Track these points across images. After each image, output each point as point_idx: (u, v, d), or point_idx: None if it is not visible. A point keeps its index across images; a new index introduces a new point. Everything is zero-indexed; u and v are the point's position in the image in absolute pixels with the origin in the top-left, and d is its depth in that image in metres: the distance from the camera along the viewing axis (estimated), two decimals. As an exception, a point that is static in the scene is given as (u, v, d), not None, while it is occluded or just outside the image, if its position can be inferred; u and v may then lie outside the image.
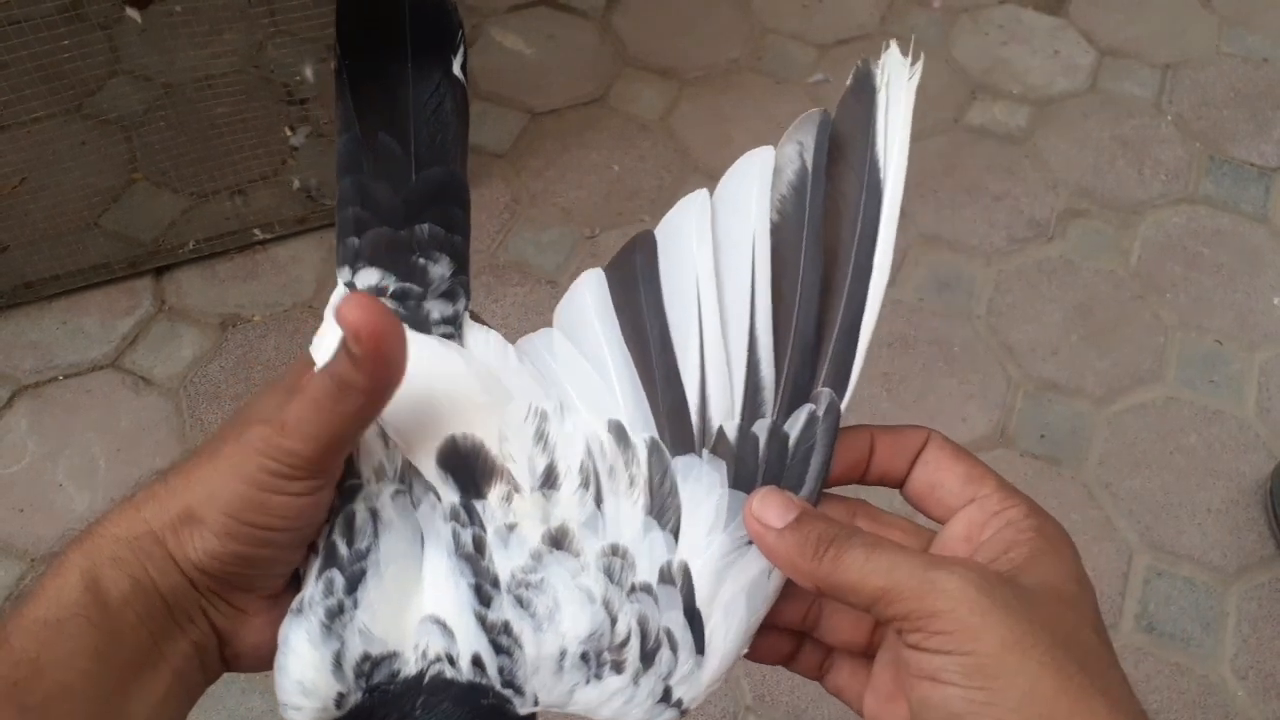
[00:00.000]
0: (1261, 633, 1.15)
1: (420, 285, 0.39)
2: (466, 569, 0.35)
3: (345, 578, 0.35)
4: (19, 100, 1.27)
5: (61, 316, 1.37)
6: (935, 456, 0.36)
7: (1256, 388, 1.33)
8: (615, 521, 0.35)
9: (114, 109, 1.51)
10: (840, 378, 0.36)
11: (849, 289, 0.36)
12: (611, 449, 0.36)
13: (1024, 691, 0.28)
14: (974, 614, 0.29)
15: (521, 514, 0.35)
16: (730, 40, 1.70)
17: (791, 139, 0.38)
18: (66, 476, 1.24)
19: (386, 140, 0.39)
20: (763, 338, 0.36)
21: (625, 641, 0.34)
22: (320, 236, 1.45)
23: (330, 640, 0.34)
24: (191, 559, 0.34)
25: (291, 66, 1.50)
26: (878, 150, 0.37)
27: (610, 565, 0.35)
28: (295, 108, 1.51)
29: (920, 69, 0.36)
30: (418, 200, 0.39)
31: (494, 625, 0.34)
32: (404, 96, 0.39)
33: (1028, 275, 1.43)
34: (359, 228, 0.39)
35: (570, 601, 0.34)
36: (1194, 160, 1.56)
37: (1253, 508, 1.23)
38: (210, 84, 1.43)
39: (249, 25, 1.49)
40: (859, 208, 0.36)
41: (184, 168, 1.41)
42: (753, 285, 0.36)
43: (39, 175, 1.39)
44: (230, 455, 0.34)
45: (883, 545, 0.32)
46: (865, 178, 0.36)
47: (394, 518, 0.35)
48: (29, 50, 1.22)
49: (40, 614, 0.32)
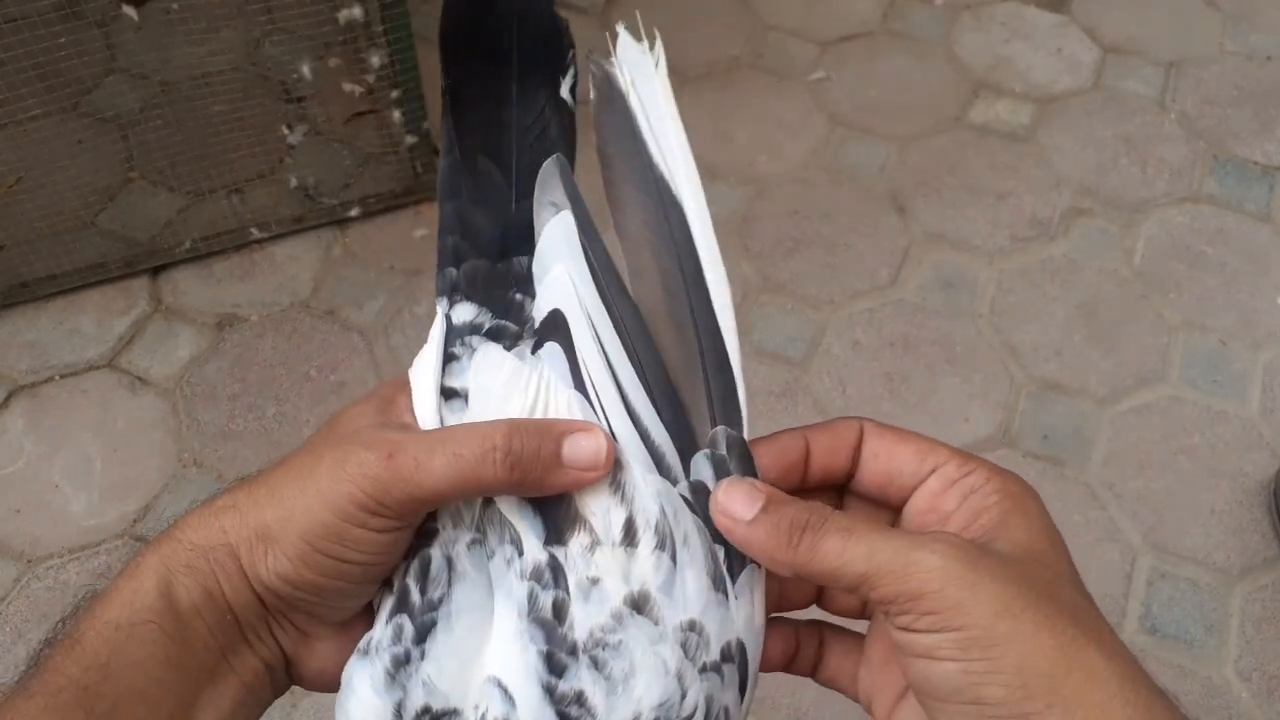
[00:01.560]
0: (1265, 634, 1.14)
1: (517, 323, 0.37)
2: (539, 635, 0.33)
3: (415, 626, 0.33)
4: (15, 99, 1.26)
5: (58, 316, 1.36)
6: (879, 444, 0.35)
7: (1260, 388, 1.32)
8: (686, 591, 0.33)
9: (110, 107, 1.50)
10: (729, 408, 0.34)
11: (695, 316, 0.35)
12: (684, 511, 0.34)
13: (1021, 655, 0.28)
14: (961, 589, 0.29)
15: (604, 569, 0.33)
16: (731, 37, 1.69)
17: (544, 201, 0.36)
18: (62, 477, 1.23)
19: (486, 166, 0.37)
20: (640, 406, 0.34)
21: (691, 716, 0.33)
22: (317, 235, 1.44)
23: (394, 690, 0.33)
24: (263, 578, 0.33)
25: (289, 64, 1.49)
26: (656, 161, 0.34)
27: (688, 641, 0.33)
28: (292, 106, 1.50)
29: (661, 50, 0.34)
30: (517, 232, 0.37)
31: (564, 696, 0.32)
32: (507, 119, 0.37)
33: (1031, 275, 1.43)
34: (457, 258, 0.37)
35: (646, 669, 0.33)
36: (1198, 159, 1.55)
37: (1256, 508, 1.22)
38: (207, 82, 1.42)
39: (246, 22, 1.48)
40: (665, 229, 0.34)
41: (181, 166, 1.40)
42: (605, 358, 0.34)
43: (35, 174, 1.38)
44: (323, 477, 0.32)
45: (859, 529, 0.31)
46: (660, 196, 0.34)
47: (469, 569, 0.34)
48: (25, 48, 1.21)
49: (113, 616, 0.32)
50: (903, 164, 1.54)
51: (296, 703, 1.07)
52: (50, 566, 1.16)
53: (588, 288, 0.35)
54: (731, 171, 1.53)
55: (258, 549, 0.33)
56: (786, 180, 1.52)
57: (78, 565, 1.16)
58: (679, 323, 0.35)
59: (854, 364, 1.33)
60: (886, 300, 1.39)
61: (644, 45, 0.34)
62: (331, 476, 0.32)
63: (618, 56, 0.35)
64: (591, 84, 0.35)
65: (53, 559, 1.17)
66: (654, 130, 0.35)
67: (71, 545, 1.18)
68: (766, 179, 1.52)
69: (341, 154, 1.47)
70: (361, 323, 1.36)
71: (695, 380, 0.35)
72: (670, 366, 0.35)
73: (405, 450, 0.32)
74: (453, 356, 0.36)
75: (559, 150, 0.37)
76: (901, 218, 1.48)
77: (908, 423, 1.33)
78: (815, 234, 1.46)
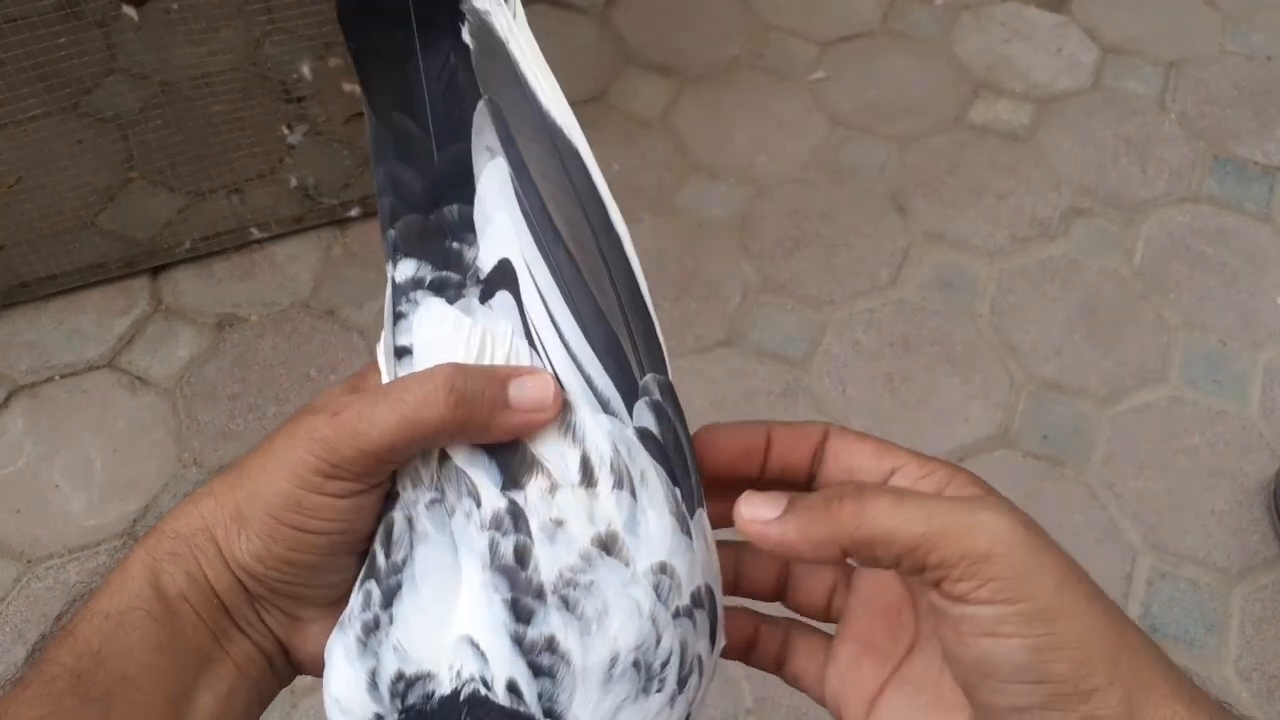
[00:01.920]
0: (1265, 634, 1.14)
1: (458, 272, 0.36)
2: (502, 583, 0.32)
3: (382, 591, 0.33)
4: (15, 99, 1.26)
5: (58, 316, 1.36)
6: (840, 445, 0.35)
7: (1260, 388, 1.32)
8: (650, 531, 0.33)
9: (110, 107, 1.50)
10: (652, 355, 0.34)
11: (606, 262, 0.34)
12: (640, 452, 0.33)
13: (1082, 629, 0.28)
14: (1028, 555, 0.28)
15: (567, 510, 0.33)
16: (731, 37, 1.69)
17: (480, 146, 0.35)
18: (63, 477, 1.23)
19: (401, 120, 0.37)
20: (580, 352, 0.34)
21: (666, 661, 0.33)
22: (318, 235, 1.44)
23: (366, 657, 0.32)
24: (239, 560, 0.33)
25: (289, 64, 1.49)
26: (546, 109, 0.35)
27: (660, 584, 0.33)
28: (292, 105, 1.50)
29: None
30: (444, 181, 0.37)
31: (534, 644, 0.31)
32: (413, 73, 0.37)
33: (1031, 275, 1.43)
34: (394, 217, 0.37)
35: (619, 610, 0.32)
36: (1198, 159, 1.55)
37: (1256, 509, 1.22)
38: (207, 82, 1.42)
39: (246, 22, 1.48)
40: (567, 178, 0.35)
41: (181, 166, 1.40)
42: (546, 307, 0.34)
43: (35, 174, 1.38)
44: (278, 448, 0.33)
45: (905, 492, 0.30)
46: (555, 144, 0.35)
47: (430, 529, 0.33)
48: (25, 48, 1.21)
49: (104, 606, 0.32)
50: (903, 164, 1.54)
51: (297, 703, 1.07)
52: (50, 566, 1.16)
53: (524, 236, 0.34)
54: (731, 171, 1.53)
55: (231, 530, 0.33)
56: (786, 180, 1.52)
57: (78, 565, 1.16)
58: (594, 271, 0.34)
59: (854, 364, 1.33)
60: (887, 300, 1.39)
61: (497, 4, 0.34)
62: (285, 445, 0.32)
63: (484, 7, 0.35)
64: (468, 34, 0.34)
65: (53, 559, 1.17)
66: (537, 78, 0.35)
67: (71, 545, 1.18)
68: (766, 179, 1.52)
69: (341, 154, 1.47)
70: (361, 322, 1.36)
71: (619, 330, 0.34)
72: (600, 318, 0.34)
73: (350, 406, 0.32)
74: (400, 315, 0.36)
75: (470, 93, 0.37)
76: (901, 218, 1.48)
77: (908, 423, 1.34)
78: (815, 234, 1.46)
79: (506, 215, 0.35)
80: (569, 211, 0.34)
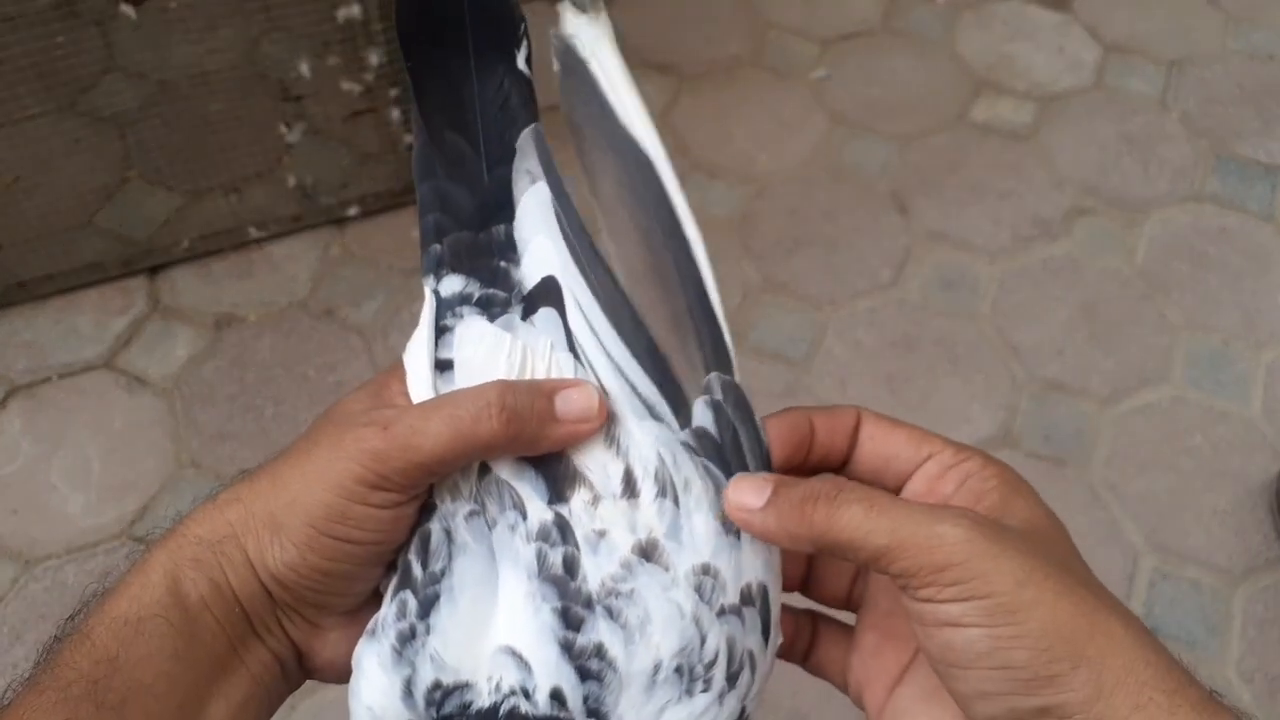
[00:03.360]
0: (1267, 635, 1.14)
1: (504, 290, 0.37)
2: (551, 593, 0.33)
3: (418, 601, 0.33)
4: (12, 97, 1.26)
5: (55, 316, 1.36)
6: (875, 430, 0.36)
7: (1263, 388, 1.31)
8: (695, 535, 0.34)
9: (108, 106, 1.49)
10: (719, 355, 0.35)
11: (675, 267, 0.35)
12: (685, 460, 0.34)
13: (1045, 620, 0.29)
14: (985, 560, 0.29)
15: (609, 521, 0.34)
16: (731, 35, 1.69)
17: (521, 169, 0.37)
18: (60, 477, 1.23)
19: (455, 140, 0.38)
20: (624, 363, 0.35)
21: (714, 661, 0.33)
22: (316, 235, 1.43)
23: (401, 666, 0.33)
24: (270, 568, 0.33)
25: (287, 63, 1.48)
26: (623, 122, 0.36)
27: (701, 585, 0.33)
28: (291, 104, 1.49)
29: (605, 18, 0.36)
30: (493, 201, 0.38)
31: (583, 650, 0.32)
32: (468, 94, 0.38)
33: (1033, 274, 1.42)
34: (439, 234, 0.38)
35: (660, 615, 0.33)
36: (1200, 158, 1.54)
37: (1259, 509, 1.22)
38: (205, 80, 1.41)
39: (244, 21, 1.47)
40: (637, 185, 0.36)
41: (178, 165, 1.40)
42: (586, 317, 0.35)
43: (32, 173, 1.37)
44: (320, 458, 0.33)
45: (880, 501, 0.31)
46: (627, 152, 0.36)
47: (469, 540, 0.34)
48: (22, 47, 1.21)
49: (122, 611, 0.32)
50: (904, 163, 1.54)
51: (296, 704, 1.07)
52: (48, 567, 1.16)
53: (562, 256, 0.36)
54: (731, 171, 1.52)
55: (264, 538, 0.33)
56: (787, 179, 1.52)
57: (75, 566, 1.16)
58: (663, 277, 0.35)
59: (855, 364, 1.33)
60: (888, 300, 1.39)
61: (590, 16, 0.36)
62: (330, 456, 0.33)
63: (569, 29, 0.36)
64: (554, 55, 0.36)
65: (50, 559, 1.16)
66: (617, 93, 0.36)
67: (69, 546, 1.18)
68: (767, 178, 1.52)
69: (340, 153, 1.46)
70: (360, 322, 1.36)
71: (685, 331, 0.35)
72: (654, 324, 0.35)
73: (400, 420, 0.32)
74: (445, 329, 0.37)
75: (521, 118, 0.38)
76: (903, 217, 1.48)
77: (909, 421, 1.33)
78: (816, 233, 1.46)
79: (546, 236, 0.36)
80: (641, 219, 0.35)
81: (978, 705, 0.30)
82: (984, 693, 0.30)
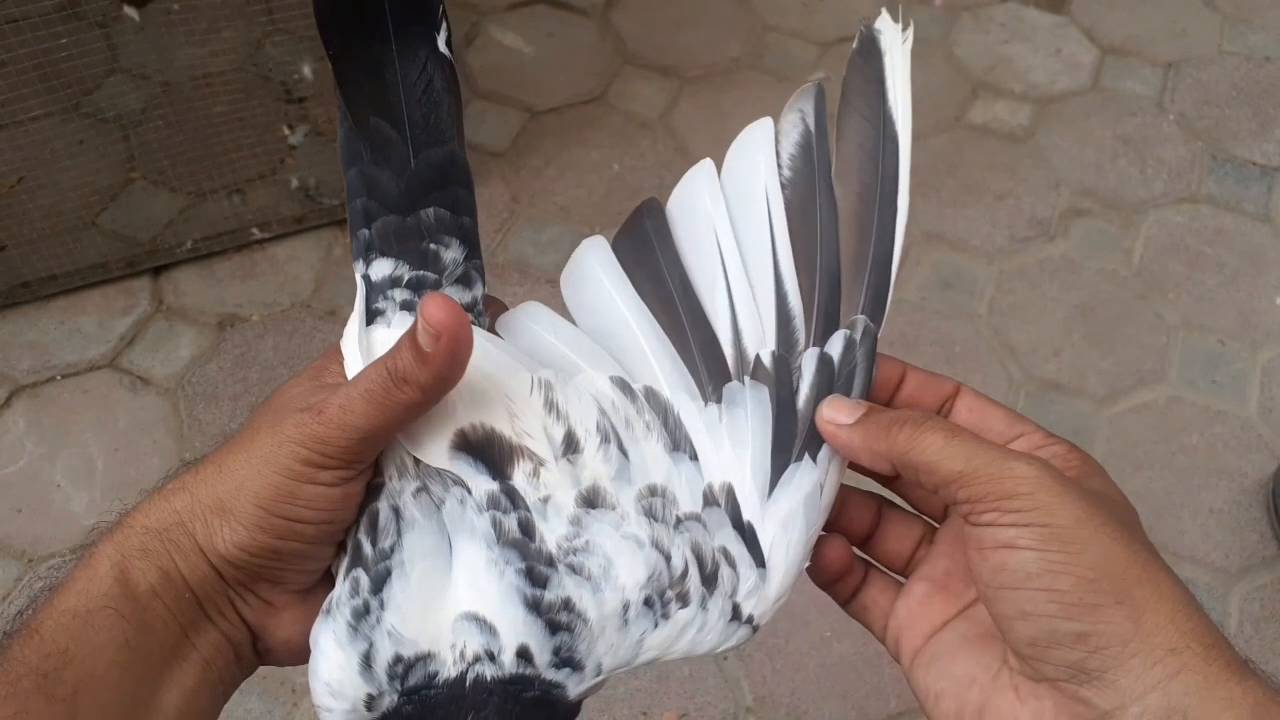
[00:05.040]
0: (1264, 633, 1.14)
1: (434, 272, 0.38)
2: (513, 555, 0.34)
3: (370, 577, 0.34)
4: (17, 99, 1.26)
5: (59, 316, 1.36)
6: (973, 403, 0.38)
7: (1259, 388, 1.32)
8: (643, 466, 0.36)
9: (112, 108, 1.50)
10: (876, 306, 0.38)
11: (878, 225, 0.38)
12: (621, 400, 0.36)
13: (1098, 557, 0.30)
14: (1050, 495, 0.31)
15: (552, 484, 0.35)
16: (731, 38, 1.69)
17: (793, 108, 0.40)
18: (64, 476, 1.23)
19: (380, 125, 0.38)
20: (787, 275, 0.38)
21: (684, 573, 0.35)
22: (318, 235, 1.44)
23: (357, 641, 0.34)
24: (220, 551, 0.34)
25: (290, 64, 1.49)
26: (890, 104, 0.38)
27: (651, 506, 0.35)
28: (293, 106, 1.50)
29: (911, 34, 0.39)
30: (420, 184, 0.39)
31: (551, 604, 0.33)
32: (391, 79, 0.38)
33: (1030, 275, 1.43)
34: (368, 218, 0.39)
35: (621, 553, 0.34)
36: (1196, 159, 1.55)
37: (1255, 508, 1.22)
38: (208, 82, 1.42)
39: (247, 23, 1.48)
40: (878, 154, 0.38)
41: (182, 166, 1.41)
42: (771, 229, 0.38)
43: (37, 174, 1.38)
44: (264, 444, 0.34)
45: (961, 432, 0.33)
46: (882, 128, 0.38)
47: (417, 516, 0.35)
48: (27, 49, 1.22)
49: (70, 605, 0.33)
50: (902, 164, 1.54)
51: (298, 701, 1.08)
52: (52, 566, 1.17)
53: (808, 170, 0.39)
54: (731, 172, 1.53)
55: (213, 522, 0.34)
56: (786, 180, 1.52)
57: (79, 564, 1.17)
58: (863, 226, 0.38)
59: (853, 364, 1.33)
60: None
61: (899, 25, 0.40)
62: (273, 442, 0.34)
63: (879, 26, 0.39)
64: (858, 38, 0.40)
65: (54, 558, 1.17)
66: (895, 86, 0.39)
67: (73, 545, 1.18)
68: (766, 179, 1.52)
69: (342, 154, 1.47)
70: (362, 323, 1.36)
71: (860, 274, 0.38)
72: (843, 261, 0.38)
73: (330, 401, 0.34)
74: (377, 312, 0.38)
75: (445, 100, 0.39)
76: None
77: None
78: (815, 234, 1.46)
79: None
80: (867, 177, 0.38)
81: (1019, 626, 0.31)
82: (1026, 613, 0.31)
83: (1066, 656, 0.30)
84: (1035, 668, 0.31)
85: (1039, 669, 0.31)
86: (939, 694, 0.35)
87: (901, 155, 0.38)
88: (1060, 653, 0.30)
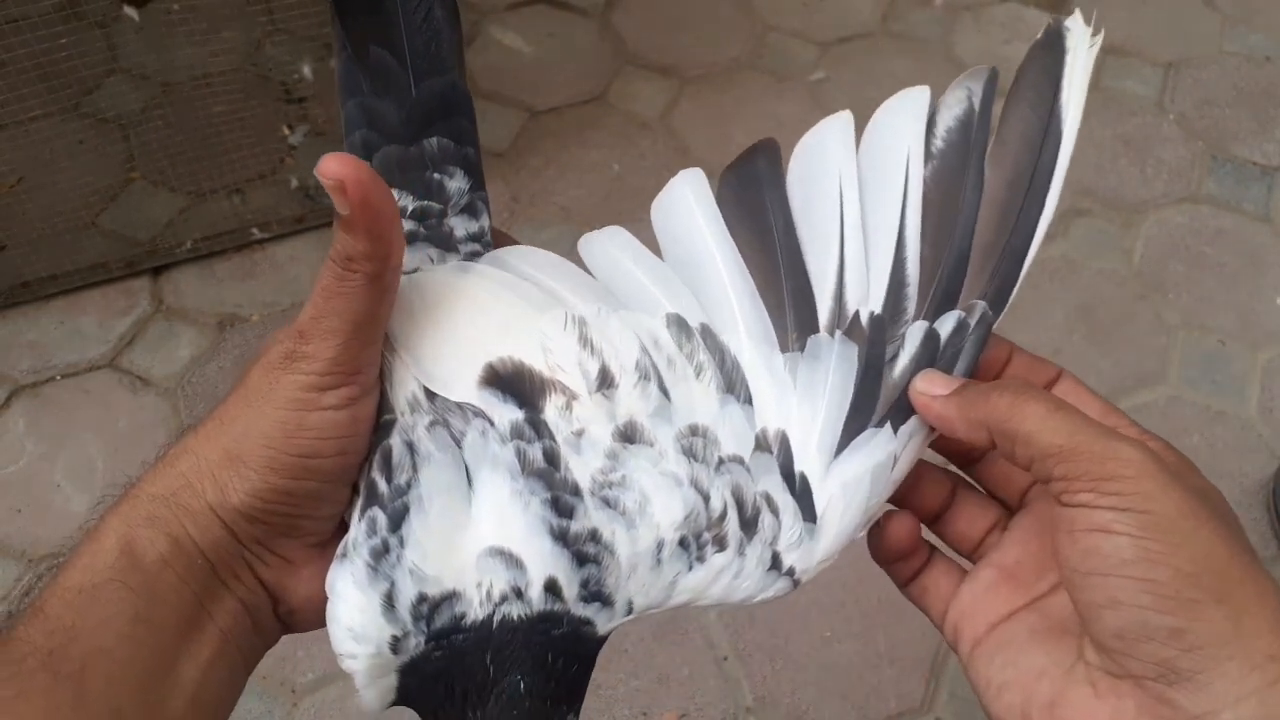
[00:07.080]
0: (1264, 634, 1.15)
1: (439, 202, 0.37)
2: (538, 486, 0.33)
3: (387, 515, 0.33)
4: (16, 99, 1.26)
5: (59, 316, 1.36)
6: (1071, 390, 0.36)
7: (1259, 388, 1.32)
8: (687, 406, 0.34)
9: (111, 108, 1.50)
10: (1000, 296, 0.36)
11: (1021, 215, 0.37)
12: (667, 339, 0.35)
13: (1198, 551, 0.29)
14: (1153, 483, 0.29)
15: (586, 419, 0.34)
16: (731, 38, 1.69)
17: (962, 84, 0.39)
18: (64, 476, 1.23)
19: (380, 54, 0.38)
20: (910, 241, 0.36)
21: (723, 515, 0.33)
22: (319, 235, 1.44)
23: (378, 581, 0.32)
24: (233, 503, 0.33)
25: (290, 65, 1.49)
26: (1062, 101, 0.38)
27: (691, 445, 0.34)
28: (294, 106, 1.50)
29: (1100, 41, 0.39)
30: (422, 114, 0.38)
31: (578, 535, 0.32)
32: (391, 7, 0.38)
33: (1030, 275, 1.41)
34: (368, 150, 0.38)
35: (658, 490, 0.33)
36: (1196, 159, 1.55)
37: (1255, 508, 1.23)
38: (208, 82, 1.42)
39: (247, 23, 1.48)
40: (1038, 146, 0.38)
41: (182, 166, 1.41)
42: (905, 192, 0.37)
43: (36, 174, 1.38)
44: (259, 385, 0.33)
45: (1066, 406, 0.31)
46: (1047, 121, 0.38)
47: (433, 450, 0.33)
48: (26, 49, 1.21)
49: (75, 581, 0.32)
50: (902, 164, 1.54)
51: (298, 701, 1.08)
52: (52, 566, 1.16)
53: (962, 145, 0.38)
54: (731, 172, 1.53)
55: (222, 476, 0.33)
56: (786, 181, 1.52)
57: (79, 565, 1.17)
58: (1006, 214, 0.37)
59: (854, 364, 1.33)
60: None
61: (1089, 29, 0.39)
62: (268, 380, 0.33)
63: (1069, 25, 0.39)
64: (1044, 31, 0.39)
65: (54, 559, 1.17)
66: (1071, 84, 0.38)
67: (73, 545, 1.18)
68: (766, 179, 1.52)
69: (342, 154, 1.47)
70: (362, 323, 1.36)
71: (990, 261, 0.36)
72: (976, 242, 0.37)
73: (302, 320, 0.33)
74: None
75: (445, 30, 0.38)
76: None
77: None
78: (815, 234, 1.46)
79: None
80: (1022, 165, 0.37)
81: (1106, 615, 0.29)
82: (1116, 600, 0.29)
83: (1157, 653, 0.28)
84: (1120, 662, 0.30)
85: (1124, 664, 0.29)
86: (1002, 685, 0.33)
87: (1062, 153, 0.37)
88: (1150, 648, 0.29)
